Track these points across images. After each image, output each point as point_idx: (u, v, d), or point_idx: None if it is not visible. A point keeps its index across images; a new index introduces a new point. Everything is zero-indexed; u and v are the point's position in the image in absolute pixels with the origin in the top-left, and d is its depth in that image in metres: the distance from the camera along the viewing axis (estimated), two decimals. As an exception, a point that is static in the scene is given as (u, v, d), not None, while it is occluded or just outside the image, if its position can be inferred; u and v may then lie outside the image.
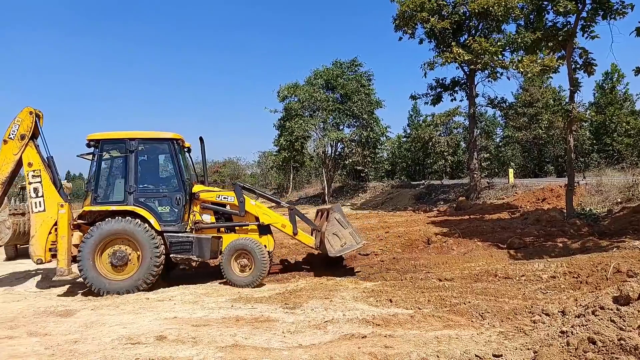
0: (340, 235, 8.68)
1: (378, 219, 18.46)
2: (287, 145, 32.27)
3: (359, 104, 30.03)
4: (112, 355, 4.19)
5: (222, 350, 4.30)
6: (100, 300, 7.23)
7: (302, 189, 44.49)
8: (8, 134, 8.17)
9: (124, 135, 8.27)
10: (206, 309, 6.27)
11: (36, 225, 8.01)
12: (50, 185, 8.15)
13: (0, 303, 7.06)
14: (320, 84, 30.96)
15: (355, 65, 32.41)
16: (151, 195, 8.33)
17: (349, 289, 7.28)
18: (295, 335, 4.91)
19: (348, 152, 32.33)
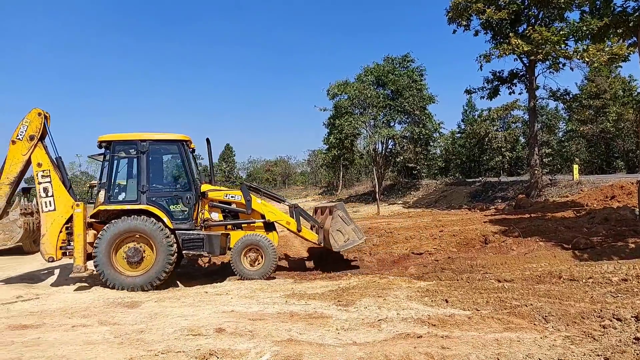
0: (344, 232, 9.12)
1: (431, 218, 18.10)
2: (336, 143, 32.29)
3: (410, 100, 29.50)
4: (175, 346, 4.38)
5: (277, 344, 4.38)
6: (162, 293, 7.60)
7: (352, 187, 44.42)
8: (16, 134, 8.32)
9: (135, 136, 8.54)
10: (261, 304, 6.41)
11: (47, 224, 8.20)
12: (60, 185, 8.37)
13: (73, 294, 7.57)
14: (370, 81, 30.71)
15: (407, 61, 31.88)
16: (163, 195, 8.68)
17: (402, 288, 7.20)
18: (349, 332, 4.91)
19: (399, 149, 31.88)
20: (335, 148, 33.34)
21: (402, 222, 17.00)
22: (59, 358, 4.19)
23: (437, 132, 32.85)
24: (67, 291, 7.86)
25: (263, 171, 69.48)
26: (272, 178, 67.03)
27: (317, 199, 42.57)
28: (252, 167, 72.55)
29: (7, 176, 8.33)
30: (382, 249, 11.55)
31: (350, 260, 10.71)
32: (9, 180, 8.35)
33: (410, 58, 32.08)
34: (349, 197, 36.86)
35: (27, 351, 4.43)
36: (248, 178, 69.82)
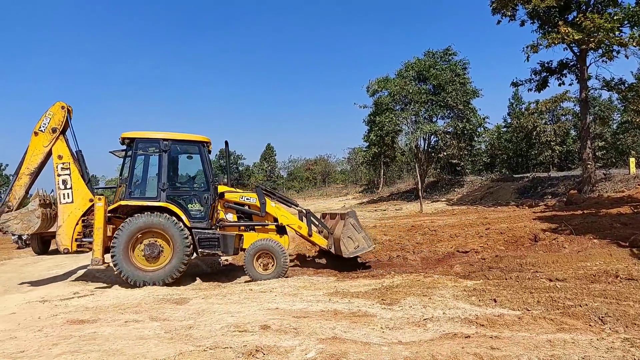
0: (354, 239, 9.36)
1: (477, 215, 17.63)
2: (377, 140, 32.00)
3: (453, 94, 28.78)
4: (222, 341, 4.48)
5: (322, 342, 4.38)
6: (209, 290, 7.79)
7: (394, 185, 43.91)
8: (39, 126, 8.45)
9: (158, 135, 8.72)
10: (305, 302, 6.44)
11: (63, 216, 8.35)
12: (79, 178, 8.50)
13: (125, 290, 7.90)
14: (411, 76, 30.22)
15: (449, 54, 31.13)
16: (182, 193, 8.94)
17: (448, 287, 7.04)
18: (394, 331, 4.85)
19: (442, 145, 31.22)
20: (376, 145, 33.04)
21: (446, 220, 16.64)
22: (113, 352, 4.37)
23: (481, 127, 31.91)
24: (120, 288, 8.19)
25: (303, 170, 69.94)
26: (312, 177, 67.34)
27: (358, 197, 42.38)
28: (292, 166, 73.21)
29: (27, 166, 8.47)
30: (425, 247, 11.36)
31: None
32: (29, 171, 8.48)
33: (452, 51, 31.33)
34: (391, 195, 36.43)
35: (84, 345, 4.65)
36: (289, 177, 70.49)
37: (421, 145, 31.87)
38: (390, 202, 31.85)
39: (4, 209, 8.33)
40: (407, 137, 30.36)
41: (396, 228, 14.77)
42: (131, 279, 8.03)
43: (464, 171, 39.51)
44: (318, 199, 45.76)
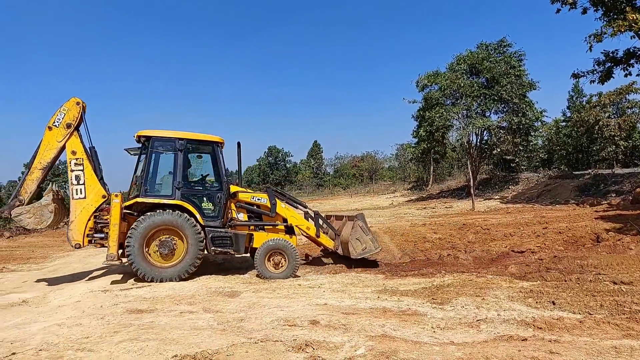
0: (362, 241, 9.45)
1: (533, 214, 16.89)
2: (426, 136, 31.32)
3: (508, 87, 27.60)
4: (272, 335, 4.55)
5: (372, 339, 4.35)
6: (259, 284, 7.93)
7: (444, 182, 42.82)
8: (53, 121, 8.48)
9: (173, 134, 8.80)
10: (353, 299, 6.43)
11: (76, 212, 8.35)
12: (92, 174, 8.52)
13: (180, 282, 8.18)
14: (463, 70, 29.30)
15: (504, 46, 29.86)
16: (196, 192, 9.00)
17: (502, 288, 6.80)
18: (445, 331, 4.74)
19: (496, 141, 30.08)
20: (425, 141, 32.36)
21: (500, 219, 16.07)
22: (170, 340, 4.55)
23: (538, 121, 30.40)
24: (175, 280, 8.50)
25: (350, 167, 69.72)
26: (359, 174, 66.95)
27: (406, 194, 41.74)
28: (339, 163, 73.18)
29: (40, 161, 8.49)
30: (478, 247, 11.02)
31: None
32: (41, 165, 8.49)
33: (506, 43, 30.02)
34: (440, 192, 35.60)
35: (143, 333, 4.87)
36: (335, 174, 70.50)
37: (473, 140, 30.89)
38: (440, 199, 31.14)
39: (15, 203, 8.40)
40: (459, 133, 29.49)
41: (446, 226, 14.42)
42: (145, 275, 8.15)
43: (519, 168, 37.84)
44: (365, 196, 45.50)
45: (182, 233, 8.33)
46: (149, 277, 8.11)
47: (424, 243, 11.54)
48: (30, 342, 4.81)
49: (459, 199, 29.75)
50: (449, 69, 30.12)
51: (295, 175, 71.16)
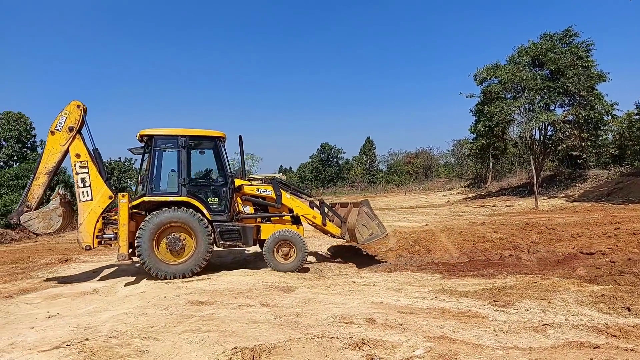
0: (368, 226, 9.48)
1: (604, 213, 15.79)
2: (485, 131, 30.13)
3: (574, 79, 25.90)
4: (328, 331, 4.55)
5: (430, 340, 4.24)
6: (313, 281, 7.99)
7: (504, 179, 41.08)
8: (55, 125, 8.49)
9: (175, 132, 8.82)
10: (410, 298, 6.31)
11: (84, 214, 8.39)
12: (97, 175, 8.54)
13: (238, 276, 8.40)
14: (525, 62, 27.87)
15: (570, 36, 28.04)
16: (201, 188, 9.02)
17: (570, 291, 6.41)
18: (508, 335, 4.53)
19: (561, 136, 28.40)
20: (484, 137, 31.14)
21: (566, 218, 15.17)
22: (229, 333, 4.67)
23: (608, 115, 28.34)
24: (232, 274, 8.72)
25: (403, 163, 68.62)
26: (413, 170, 65.75)
27: (463, 192, 40.46)
28: (392, 159, 72.25)
29: (45, 166, 8.55)
30: (542, 247, 10.44)
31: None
32: (46, 170, 8.57)
33: (573, 32, 28.21)
34: (500, 190, 34.17)
35: (204, 325, 5.04)
36: (388, 171, 69.65)
37: (536, 136, 29.36)
38: (500, 197, 29.91)
39: (23, 209, 8.50)
40: (520, 128, 28.10)
41: (508, 225, 13.81)
42: (157, 273, 8.23)
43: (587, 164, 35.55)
44: (419, 193, 44.62)
45: (190, 229, 8.42)
46: (161, 275, 8.22)
47: (484, 242, 11.11)
48: (101, 329, 5.12)
49: (520, 197, 28.46)
50: (509, 62, 28.78)
51: (347, 172, 71.03)
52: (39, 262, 11.86)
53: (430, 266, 9.47)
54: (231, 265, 9.89)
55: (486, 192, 35.02)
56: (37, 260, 12.17)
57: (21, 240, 19.06)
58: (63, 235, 20.08)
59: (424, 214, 21.15)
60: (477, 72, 29.43)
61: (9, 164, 35.68)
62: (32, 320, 5.78)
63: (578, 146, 28.69)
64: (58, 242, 17.56)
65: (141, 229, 8.21)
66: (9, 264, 11.68)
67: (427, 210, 24.26)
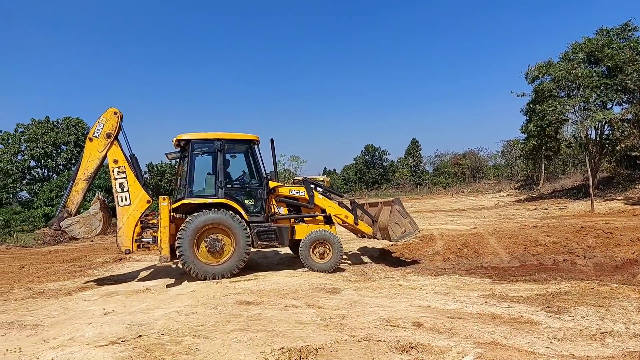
0: (401, 224, 9.61)
1: (667, 216, 14.84)
2: (537, 131, 28.91)
3: (634, 75, 24.40)
4: (375, 334, 4.53)
5: (480, 346, 4.14)
6: (359, 283, 7.96)
7: (557, 181, 39.30)
8: (93, 132, 8.68)
9: (211, 135, 8.98)
10: (459, 302, 6.17)
11: (122, 218, 8.53)
12: (135, 180, 8.70)
13: (283, 277, 8.51)
14: (580, 59, 26.58)
15: (629, 30, 26.50)
16: (238, 190, 9.19)
17: (630, 299, 6.06)
18: (564, 343, 4.35)
19: (619, 135, 26.83)
20: (536, 137, 29.89)
21: (625, 221, 14.36)
22: (276, 333, 4.74)
23: (672, 112, 26.61)
24: (278, 275, 8.86)
25: (450, 165, 67.08)
26: (461, 172, 64.12)
27: (513, 194, 39.02)
28: (439, 160, 70.82)
29: (83, 172, 8.76)
30: (599, 252, 9.92)
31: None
32: (85, 176, 8.78)
33: (632, 26, 26.63)
34: (553, 192, 32.71)
35: (252, 324, 5.15)
36: (435, 172, 68.32)
37: (592, 135, 27.92)
38: (553, 200, 28.64)
39: (63, 214, 8.68)
40: (575, 127, 26.79)
41: (561, 229, 13.22)
42: (198, 274, 8.36)
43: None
44: (467, 195, 43.45)
45: (229, 230, 8.56)
46: (201, 275, 8.37)
47: (536, 246, 10.68)
48: (153, 326, 5.34)
49: (574, 199, 27.15)
50: (562, 59, 27.56)
51: (392, 174, 70.29)
52: (95, 260, 12.53)
53: (480, 270, 9.21)
54: (277, 267, 10.03)
55: (538, 195, 33.65)
56: (93, 259, 12.86)
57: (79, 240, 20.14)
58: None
59: (472, 217, 20.60)
60: (528, 69, 28.38)
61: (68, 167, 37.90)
62: (90, 317, 6.11)
63: (638, 146, 26.97)
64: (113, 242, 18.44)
65: (182, 230, 8.37)
66: (68, 262, 12.41)
67: (475, 212, 23.61)
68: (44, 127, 38.29)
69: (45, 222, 24.46)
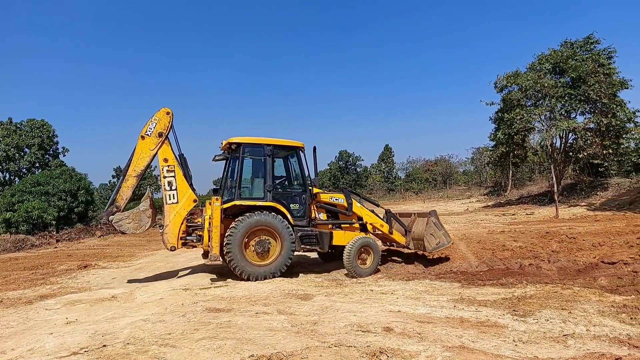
0: (436, 236, 10.06)
1: (626, 222, 15.43)
2: (505, 139, 29.74)
3: (596, 86, 25.42)
4: (346, 340, 4.53)
5: (449, 350, 4.19)
6: (331, 288, 7.96)
7: (524, 187, 40.41)
8: (145, 130, 8.87)
9: (262, 140, 9.24)
10: (428, 307, 6.25)
11: (170, 216, 8.76)
12: (183, 179, 8.93)
13: (255, 283, 8.43)
14: (546, 69, 27.53)
15: (591, 43, 27.62)
16: (284, 194, 9.47)
17: (591, 301, 6.28)
18: (528, 345, 4.46)
19: (582, 144, 27.87)
20: (504, 144, 30.70)
21: (587, 227, 14.86)
22: (246, 340, 4.68)
23: (631, 123, 27.74)
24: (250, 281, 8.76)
25: (422, 171, 68.11)
26: (432, 178, 65.19)
27: (482, 199, 39.94)
28: (411, 167, 71.80)
29: (134, 169, 8.94)
30: (563, 256, 10.24)
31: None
32: (135, 173, 8.96)
33: (594, 39, 27.79)
34: (520, 198, 33.62)
35: (221, 332, 5.07)
36: (407, 178, 69.22)
37: (557, 143, 28.89)
38: (520, 205, 29.45)
39: (113, 209, 8.85)
40: (541, 135, 27.67)
41: (528, 234, 13.59)
42: (245, 274, 8.52)
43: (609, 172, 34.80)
44: (438, 201, 44.17)
45: (276, 233, 8.77)
46: (247, 275, 8.53)
47: (503, 251, 10.95)
48: (119, 335, 5.18)
49: (540, 205, 28.00)
50: (529, 69, 28.47)
51: (365, 180, 70.83)
52: (59, 268, 12.11)
53: (449, 275, 9.37)
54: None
55: (506, 201, 34.54)
56: (56, 266, 12.43)
57: (41, 247, 19.49)
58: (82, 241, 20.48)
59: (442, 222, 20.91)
60: (497, 79, 29.20)
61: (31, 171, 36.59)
62: (51, 326, 5.88)
63: (599, 154, 28.08)
64: (77, 248, 17.91)
65: (232, 228, 8.52)
66: (29, 270, 11.95)
67: (445, 218, 23.98)
68: (6, 129, 36.88)
69: (5, 228, 23.47)
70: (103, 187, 57.40)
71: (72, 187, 28.14)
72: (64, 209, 27.28)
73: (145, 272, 10.70)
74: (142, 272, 10.62)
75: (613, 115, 26.38)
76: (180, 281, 9.16)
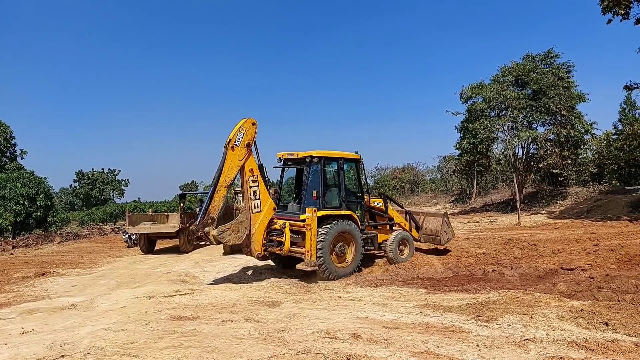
0: (447, 232, 12.11)
1: (583, 230, 16.08)
2: (470, 148, 30.57)
3: (556, 99, 26.52)
4: (313, 347, 4.52)
5: (415, 355, 4.25)
6: (299, 295, 7.93)
7: (488, 195, 41.56)
8: (234, 141, 8.91)
9: (336, 154, 10.17)
10: (395, 313, 6.31)
11: (255, 225, 9.07)
12: (265, 189, 9.30)
13: (222, 291, 8.31)
14: (509, 81, 28.53)
15: (551, 57, 28.82)
16: (352, 202, 10.32)
17: (551, 307, 6.49)
18: (491, 350, 4.56)
19: (542, 154, 28.97)
20: (469, 153, 31.54)
21: (547, 234, 15.41)
22: (212, 349, 4.60)
23: (588, 134, 29.03)
24: (216, 288, 8.65)
25: (390, 178, 68.96)
26: (400, 185, 66.08)
27: (448, 207, 40.75)
28: (379, 174, 72.55)
29: (224, 179, 8.98)
30: (524, 263, 10.58)
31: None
32: (226, 183, 9.03)
33: (554, 54, 29.01)
34: (484, 206, 34.54)
35: (186, 340, 4.96)
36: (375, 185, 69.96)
37: (519, 153, 29.91)
38: (484, 213, 30.24)
39: (207, 220, 8.83)
40: (503, 145, 28.60)
41: (491, 241, 13.97)
42: (332, 275, 9.22)
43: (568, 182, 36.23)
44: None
45: (351, 238, 9.69)
46: (328, 275, 9.18)
47: (468, 258, 11.22)
48: (78, 345, 5.00)
49: (503, 212, 28.83)
50: (493, 81, 29.41)
51: (334, 187, 70.99)
52: (15, 275, 11.57)
53: (416, 281, 9.48)
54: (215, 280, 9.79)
55: (470, 208, 35.38)
56: (12, 273, 11.87)
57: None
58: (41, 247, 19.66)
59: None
60: (462, 90, 29.97)
61: (-12, 174, 34.95)
62: (6, 337, 5.62)
63: (559, 164, 29.26)
64: (35, 254, 17.16)
65: (324, 236, 9.13)
66: (-17, 278, 11.38)
67: (412, 225, 24.34)
68: (-40, 129, 35.20)
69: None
70: (64, 192, 55.36)
71: (30, 191, 27.04)
72: (21, 214, 26.20)
73: (107, 280, 10.37)
74: (103, 280, 10.29)
75: (572, 127, 27.53)
76: (143, 289, 8.91)
